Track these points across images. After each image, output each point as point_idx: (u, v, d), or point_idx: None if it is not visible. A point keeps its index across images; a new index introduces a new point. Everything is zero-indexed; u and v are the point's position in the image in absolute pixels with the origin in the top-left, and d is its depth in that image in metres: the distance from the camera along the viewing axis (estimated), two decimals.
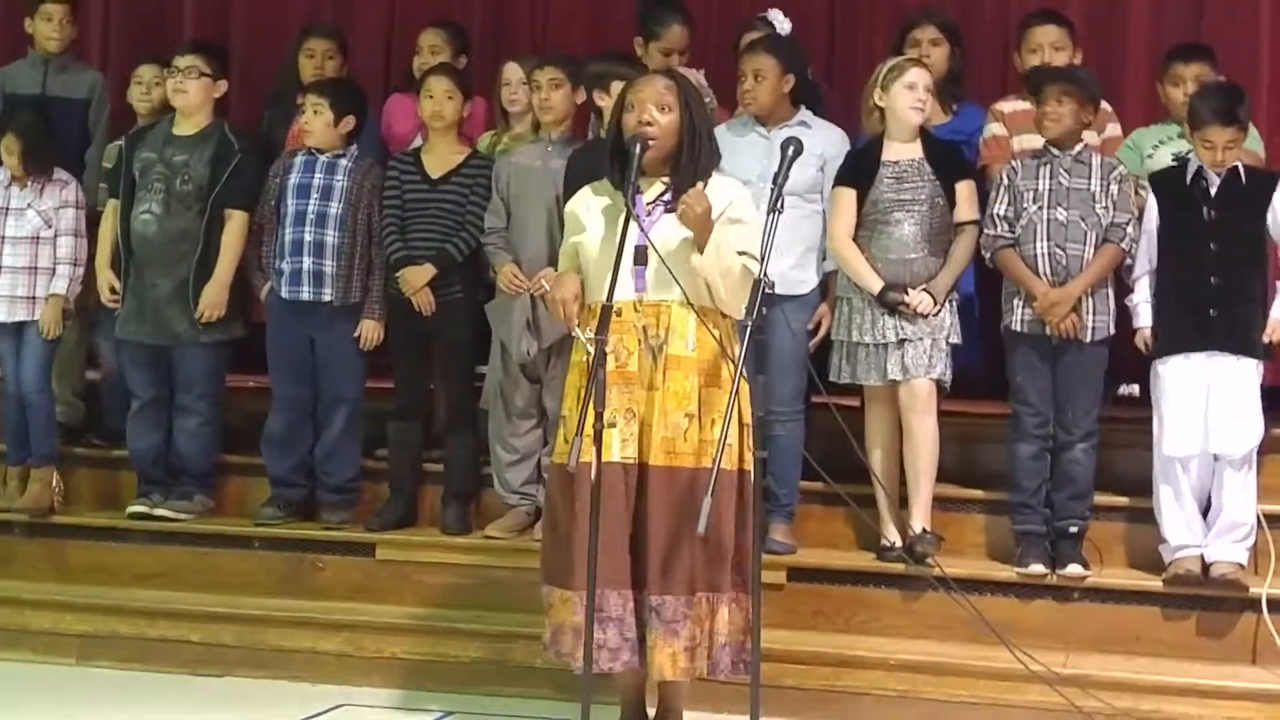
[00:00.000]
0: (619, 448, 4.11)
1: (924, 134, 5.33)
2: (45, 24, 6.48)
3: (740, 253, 4.16)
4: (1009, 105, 5.83)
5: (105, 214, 6.07)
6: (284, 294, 5.72)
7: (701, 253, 4.11)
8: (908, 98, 5.24)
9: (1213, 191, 5.13)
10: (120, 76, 6.56)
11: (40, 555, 5.93)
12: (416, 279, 5.61)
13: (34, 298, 5.96)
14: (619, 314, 4.10)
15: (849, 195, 5.27)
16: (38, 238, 5.97)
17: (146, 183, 5.81)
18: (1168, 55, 5.82)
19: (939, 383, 5.22)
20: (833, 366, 5.33)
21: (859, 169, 5.30)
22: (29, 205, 5.98)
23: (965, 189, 5.30)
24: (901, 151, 5.28)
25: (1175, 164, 5.37)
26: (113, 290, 5.95)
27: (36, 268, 5.97)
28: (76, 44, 6.77)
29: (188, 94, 5.83)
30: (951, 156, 5.36)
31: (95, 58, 7.41)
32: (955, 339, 5.25)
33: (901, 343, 5.18)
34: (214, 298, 5.77)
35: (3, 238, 5.98)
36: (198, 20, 7.47)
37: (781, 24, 5.97)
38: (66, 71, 6.54)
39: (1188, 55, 5.74)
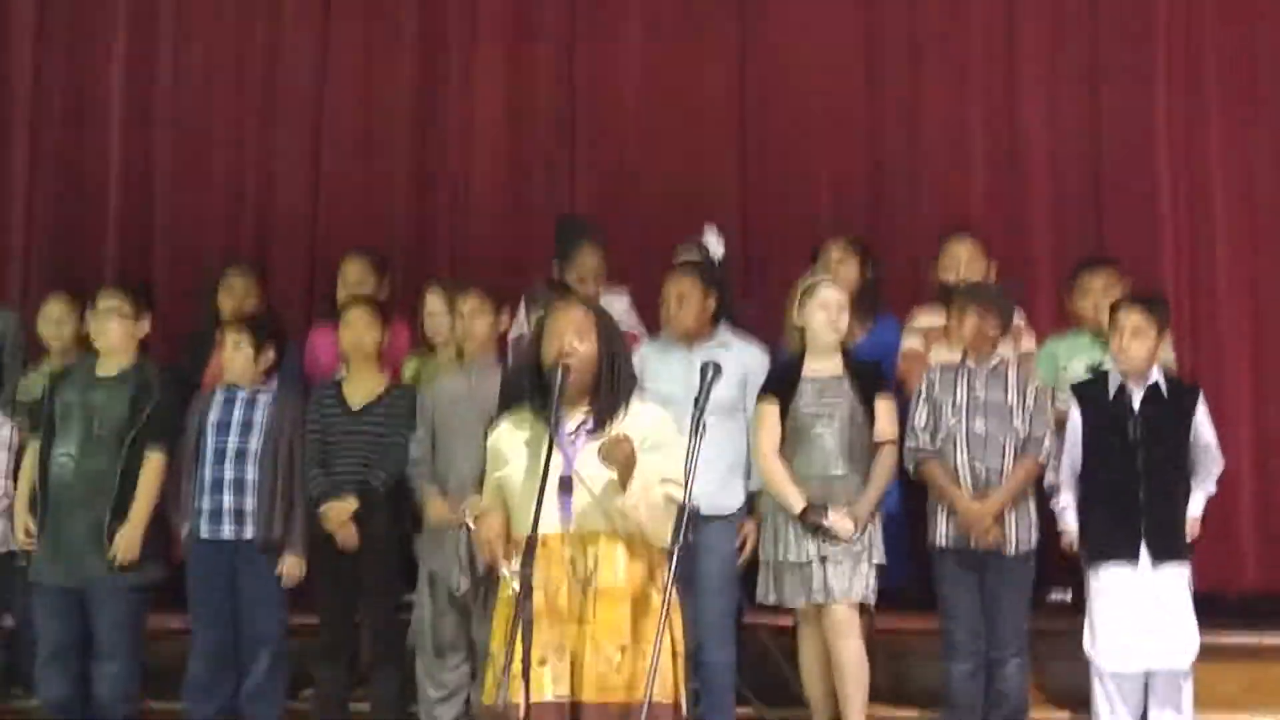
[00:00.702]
0: (551, 686, 4.01)
1: (844, 352, 5.39)
2: None
3: (663, 480, 4.14)
4: (924, 320, 5.93)
5: (25, 455, 5.98)
6: (204, 533, 5.64)
7: (625, 490, 4.09)
8: (821, 317, 5.31)
9: (1136, 406, 5.21)
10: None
11: None
12: (339, 514, 5.56)
13: None
14: (545, 545, 4.04)
15: (773, 410, 5.31)
16: None
17: (66, 425, 5.75)
18: (1075, 268, 5.97)
19: (863, 604, 5.19)
20: (760, 585, 5.30)
21: (782, 382, 5.34)
22: None
23: (884, 406, 5.34)
24: (822, 368, 5.33)
25: (1092, 375, 5.46)
26: (28, 533, 5.84)
27: None
28: None
29: (108, 335, 5.81)
30: (869, 374, 5.41)
31: (15, 293, 7.35)
32: (879, 559, 5.23)
33: (824, 560, 5.16)
34: (129, 539, 5.66)
35: None
36: (120, 255, 7.45)
37: (715, 248, 6.06)
38: None
39: (1093, 266, 5.89)
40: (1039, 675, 5.34)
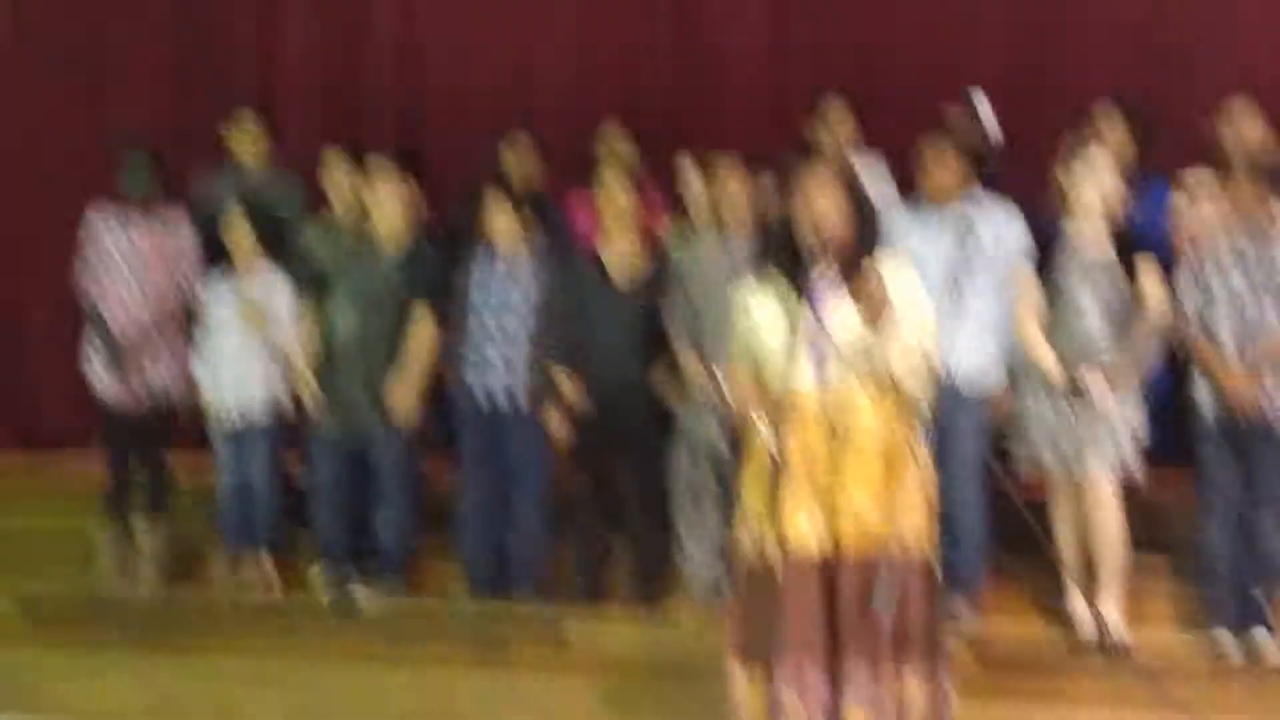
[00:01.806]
0: (807, 538, 4.16)
1: (1110, 220, 5.30)
2: (240, 136, 6.86)
3: (913, 337, 4.23)
4: (1199, 179, 5.73)
5: (303, 316, 6.26)
6: (472, 389, 5.91)
7: (878, 334, 4.19)
8: (1090, 182, 5.25)
9: None
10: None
11: (242, 635, 6.08)
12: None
13: (251, 399, 6.25)
14: (797, 401, 4.17)
15: (1033, 276, 5.28)
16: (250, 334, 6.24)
17: (342, 287, 6.05)
18: None
19: (1129, 476, 5.18)
20: (1016, 455, 5.33)
21: (1045, 248, 5.29)
22: (232, 301, 6.26)
23: (1150, 277, 5.24)
24: (1086, 235, 5.27)
25: None
26: (313, 396, 6.14)
27: (248, 368, 6.25)
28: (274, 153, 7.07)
29: (383, 204, 6.05)
30: (1135, 242, 5.31)
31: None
32: (1140, 431, 5.20)
33: (1081, 429, 5.17)
34: (403, 397, 5.95)
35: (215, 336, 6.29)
36: (394, 124, 7.72)
37: (981, 104, 6.00)
38: (265, 178, 6.86)
39: None
40: None
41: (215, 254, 6.45)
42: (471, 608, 5.96)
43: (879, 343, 4.15)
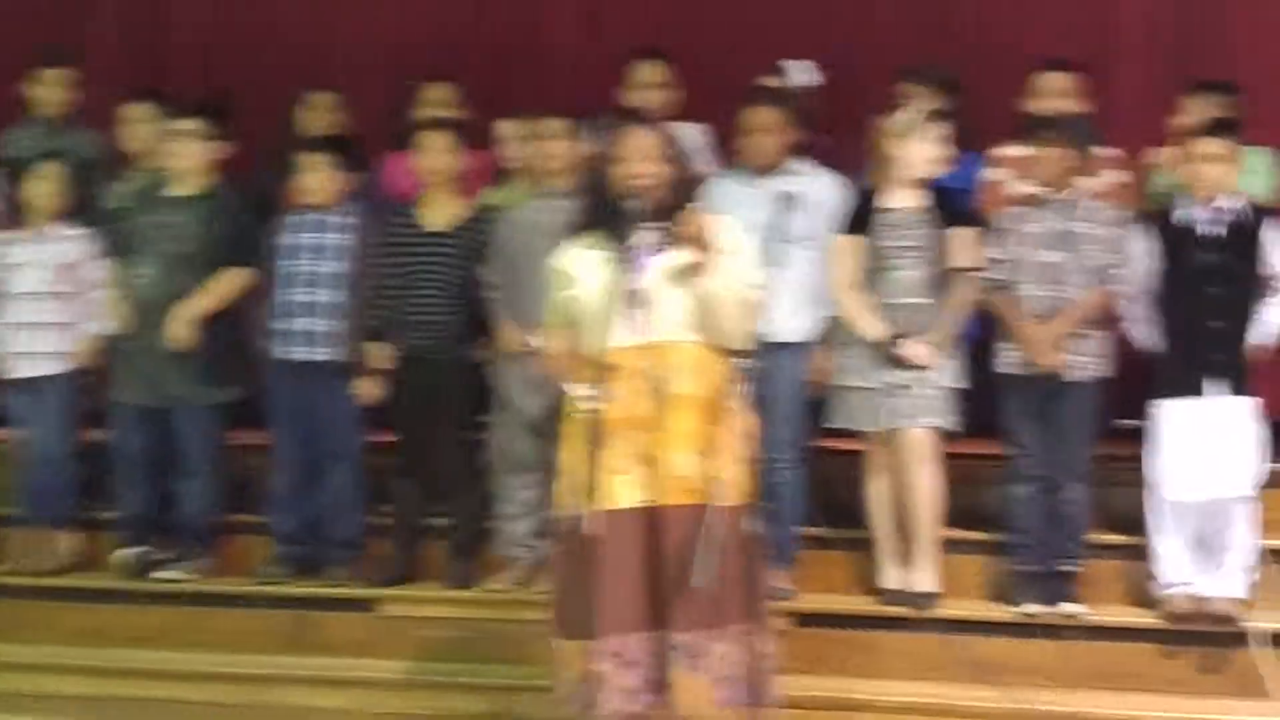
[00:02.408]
0: (630, 494, 4.13)
1: (924, 182, 5.35)
2: (43, 89, 6.56)
3: (738, 280, 4.19)
4: (1009, 150, 5.84)
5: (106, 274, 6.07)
6: (279, 354, 5.76)
7: (702, 275, 4.14)
8: (924, 150, 5.28)
9: (1207, 233, 5.16)
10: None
11: (39, 618, 5.93)
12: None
13: (45, 353, 6.01)
14: (619, 359, 4.13)
15: (849, 243, 5.30)
16: (51, 293, 6.03)
17: (143, 245, 5.85)
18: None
19: (943, 429, 5.23)
20: (831, 411, 5.36)
21: (860, 217, 5.33)
22: (33, 259, 6.04)
23: (963, 235, 5.31)
24: (903, 201, 5.32)
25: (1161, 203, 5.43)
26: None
27: (46, 323, 6.03)
28: (80, 105, 6.79)
29: (186, 158, 5.87)
30: (950, 204, 5.37)
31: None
32: (955, 382, 5.26)
33: (898, 389, 5.20)
34: (182, 319, 5.72)
35: (15, 295, 6.05)
36: (201, 73, 7.52)
37: (799, 76, 6.02)
38: (69, 133, 6.58)
39: (1205, 87, 5.76)
40: (1101, 498, 5.37)
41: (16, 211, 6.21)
42: (282, 586, 5.80)
43: (706, 281, 4.12)
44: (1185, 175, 5.25)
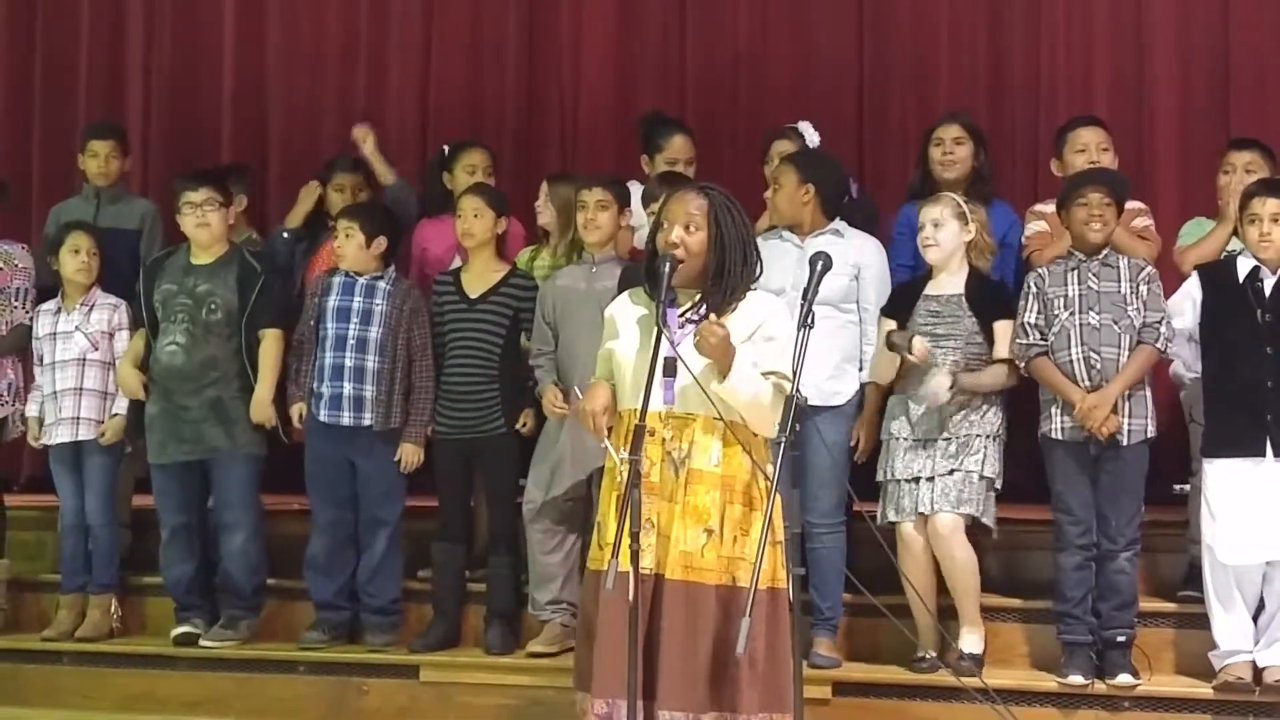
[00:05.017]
0: (641, 559, 4.03)
1: (970, 269, 5.34)
2: (92, 160, 6.62)
3: (771, 372, 4.16)
4: (1048, 207, 5.77)
5: (129, 345, 6.10)
6: (323, 418, 5.76)
7: (723, 381, 4.11)
8: (919, 235, 5.32)
9: (1267, 292, 5.10)
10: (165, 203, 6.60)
11: (89, 685, 5.93)
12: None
13: (83, 419, 6.04)
14: (648, 425, 4.06)
15: (889, 326, 5.33)
16: (84, 360, 6.07)
17: (169, 315, 5.86)
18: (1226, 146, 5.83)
19: (977, 520, 5.20)
20: (880, 505, 5.33)
21: (901, 299, 5.37)
22: (76, 328, 6.09)
23: (1003, 329, 5.29)
24: (943, 285, 5.32)
25: (1224, 257, 5.36)
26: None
27: (82, 389, 6.06)
28: (127, 177, 6.90)
29: (211, 226, 5.91)
30: (991, 293, 5.36)
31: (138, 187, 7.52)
32: (991, 473, 5.22)
33: (930, 480, 5.19)
34: (262, 403, 5.81)
35: (52, 363, 6.10)
36: (235, 155, 7.62)
37: (810, 136, 6.04)
38: (117, 203, 6.64)
39: (1241, 144, 5.74)
40: (1149, 565, 5.30)
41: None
42: (325, 651, 5.79)
43: (723, 374, 4.09)
44: (1249, 235, 5.15)
